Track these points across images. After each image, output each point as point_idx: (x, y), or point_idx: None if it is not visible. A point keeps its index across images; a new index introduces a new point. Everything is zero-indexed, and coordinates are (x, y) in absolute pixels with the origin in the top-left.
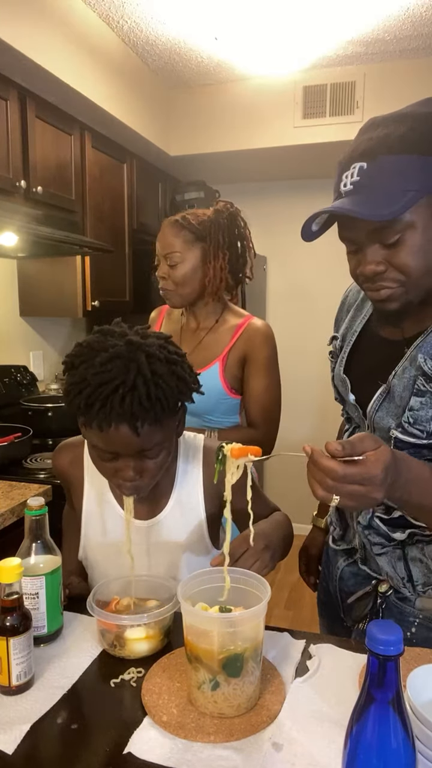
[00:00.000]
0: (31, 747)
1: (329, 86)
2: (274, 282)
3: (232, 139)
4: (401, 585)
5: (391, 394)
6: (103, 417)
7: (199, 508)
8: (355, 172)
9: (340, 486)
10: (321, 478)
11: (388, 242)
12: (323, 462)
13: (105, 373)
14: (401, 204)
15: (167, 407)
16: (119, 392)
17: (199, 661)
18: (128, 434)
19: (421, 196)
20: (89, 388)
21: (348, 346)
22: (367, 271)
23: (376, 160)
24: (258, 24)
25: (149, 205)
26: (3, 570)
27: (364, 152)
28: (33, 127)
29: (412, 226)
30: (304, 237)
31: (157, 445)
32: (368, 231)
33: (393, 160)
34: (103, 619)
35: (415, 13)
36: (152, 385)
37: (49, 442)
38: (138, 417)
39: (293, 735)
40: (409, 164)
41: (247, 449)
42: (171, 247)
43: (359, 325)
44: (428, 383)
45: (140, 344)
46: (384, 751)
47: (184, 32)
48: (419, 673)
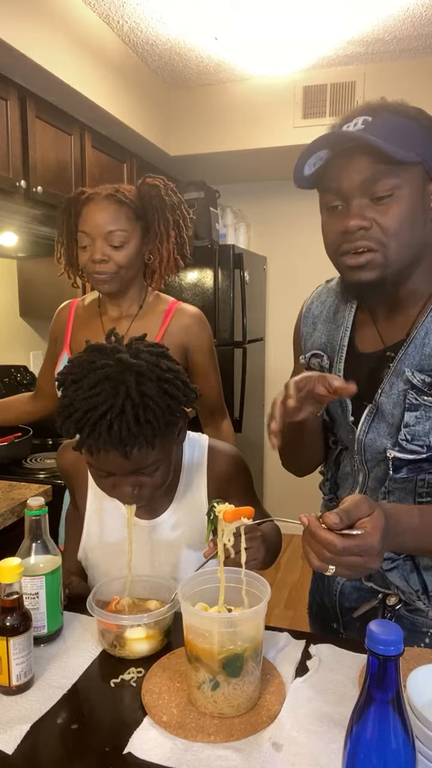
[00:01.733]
0: (31, 747)
1: (329, 86)
2: (274, 282)
3: (232, 139)
4: (415, 598)
5: (380, 413)
6: (92, 442)
7: (202, 508)
8: (359, 122)
9: (338, 558)
10: (318, 550)
11: (379, 195)
12: (321, 535)
13: (93, 397)
14: (407, 153)
15: (158, 428)
16: (107, 418)
17: (199, 661)
18: (119, 458)
19: (420, 160)
20: (78, 413)
21: (340, 363)
22: (351, 225)
23: (382, 115)
24: (258, 24)
25: None
26: (3, 570)
27: (369, 107)
28: (33, 127)
29: (404, 187)
30: (296, 180)
31: (151, 464)
32: (361, 180)
33: (399, 120)
34: (103, 619)
35: (415, 13)
36: (141, 409)
37: (49, 442)
38: (126, 443)
39: (293, 735)
40: (413, 128)
41: (240, 512)
42: (116, 224)
43: (344, 339)
44: (420, 396)
45: (130, 364)
46: (384, 751)
47: (184, 32)
48: (419, 673)
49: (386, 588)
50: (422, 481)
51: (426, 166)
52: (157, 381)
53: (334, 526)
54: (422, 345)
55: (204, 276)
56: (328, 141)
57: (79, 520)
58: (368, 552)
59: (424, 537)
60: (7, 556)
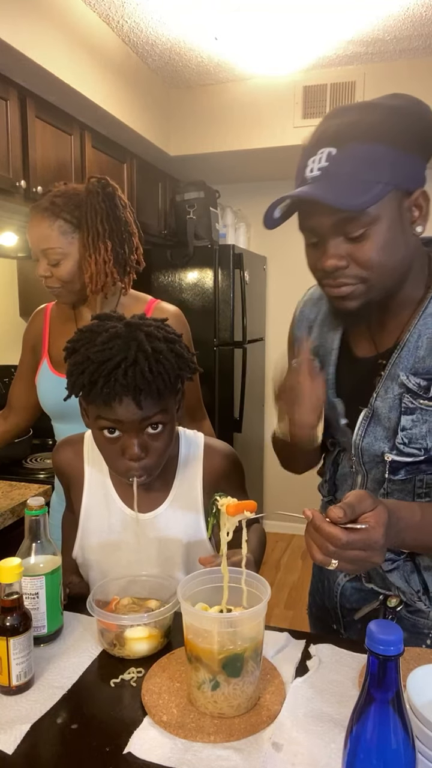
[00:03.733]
0: (31, 747)
1: (329, 86)
2: (274, 282)
3: (232, 139)
4: (416, 599)
5: (376, 417)
6: (108, 392)
7: (198, 503)
8: (323, 157)
9: (341, 552)
10: (322, 543)
11: (353, 235)
12: (325, 528)
13: (107, 351)
14: (371, 195)
15: (168, 382)
16: (122, 367)
17: (199, 661)
18: (131, 406)
19: (389, 190)
20: (92, 366)
21: (331, 367)
22: (328, 266)
23: (347, 147)
24: (258, 24)
25: (149, 205)
26: (3, 570)
27: (334, 137)
28: (33, 127)
29: (378, 220)
30: (266, 224)
31: (158, 416)
32: (333, 222)
33: (364, 149)
34: (103, 619)
35: (415, 13)
36: (153, 360)
37: (49, 442)
38: (141, 389)
39: (293, 735)
40: (379, 155)
41: (242, 506)
42: (48, 242)
43: (335, 343)
44: (416, 399)
45: (138, 324)
46: (384, 751)
47: (184, 32)
48: (419, 673)
49: (387, 589)
50: (420, 481)
51: (399, 186)
52: (165, 340)
53: (338, 520)
54: (415, 348)
55: (204, 276)
56: (288, 198)
57: (75, 522)
58: (372, 546)
59: (424, 533)
60: (7, 556)
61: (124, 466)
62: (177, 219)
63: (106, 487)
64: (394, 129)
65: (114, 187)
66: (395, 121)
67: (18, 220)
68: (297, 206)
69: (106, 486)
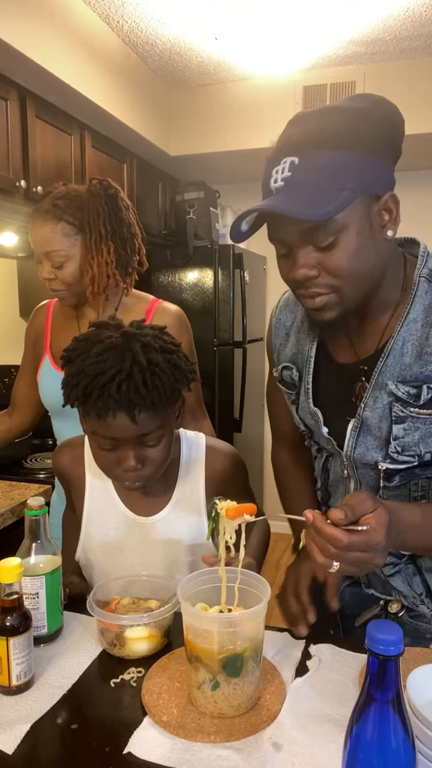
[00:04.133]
0: (31, 747)
1: (329, 86)
2: (274, 282)
3: (232, 139)
4: (418, 602)
5: (366, 427)
6: (101, 406)
7: (201, 505)
8: (286, 167)
9: (343, 554)
10: (323, 546)
11: (322, 245)
12: (327, 530)
13: (101, 363)
14: (336, 203)
15: (164, 394)
16: (116, 380)
17: (199, 661)
18: (126, 422)
19: (355, 196)
20: (86, 379)
21: (309, 376)
22: (298, 276)
23: (310, 155)
24: (258, 24)
25: (149, 205)
26: (3, 570)
27: (297, 145)
28: (33, 127)
29: (346, 228)
30: (233, 238)
31: (155, 432)
32: (300, 232)
33: (328, 155)
34: (103, 619)
35: (415, 13)
36: (148, 373)
37: (49, 442)
38: (135, 404)
39: (293, 735)
40: (344, 161)
41: (242, 509)
42: (51, 245)
43: (312, 350)
44: (406, 408)
45: (135, 334)
46: (384, 751)
47: (184, 32)
48: (419, 673)
49: (387, 594)
50: (416, 485)
51: (365, 192)
52: (162, 351)
53: (339, 521)
54: (401, 355)
55: (204, 276)
56: (253, 212)
57: (76, 521)
58: (374, 548)
59: (425, 534)
60: (7, 556)
61: (119, 475)
62: (177, 219)
63: (108, 491)
64: (359, 133)
65: (116, 189)
66: (359, 124)
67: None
68: (264, 218)
69: (108, 490)
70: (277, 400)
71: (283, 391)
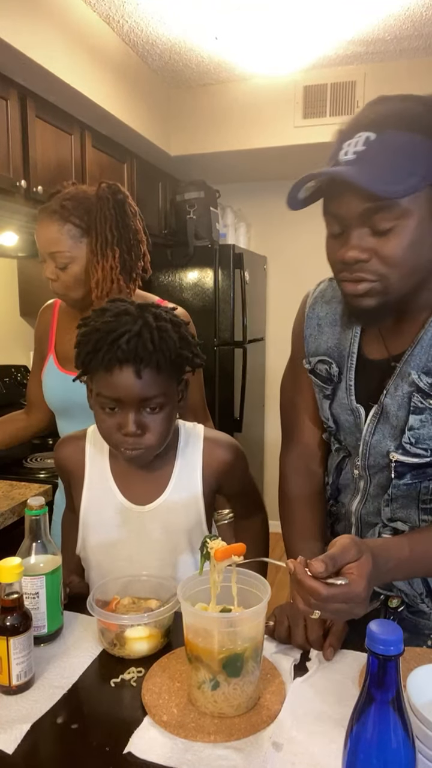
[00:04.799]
0: (31, 747)
1: (329, 86)
2: (274, 282)
3: (232, 139)
4: (419, 601)
5: (384, 414)
6: (110, 358)
7: (197, 494)
8: (360, 141)
9: (323, 605)
10: (304, 596)
11: (380, 228)
12: (307, 583)
13: (113, 323)
14: (406, 186)
15: (169, 358)
16: (125, 336)
17: (199, 660)
18: (131, 378)
19: (425, 185)
20: (98, 334)
21: (351, 372)
22: (348, 257)
23: (386, 133)
24: (258, 24)
25: (149, 205)
26: (3, 570)
27: (374, 122)
28: (33, 127)
29: (409, 215)
30: (290, 204)
31: (158, 397)
32: (362, 210)
33: (405, 137)
34: (103, 619)
35: (415, 13)
36: (156, 334)
37: (49, 441)
38: (141, 359)
39: (293, 735)
40: (419, 146)
41: (231, 550)
42: (56, 245)
43: (354, 346)
44: (426, 399)
45: (148, 306)
46: (384, 751)
47: (184, 32)
48: (419, 673)
49: (388, 590)
50: (426, 488)
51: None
52: (171, 323)
53: (319, 575)
54: (429, 347)
55: (204, 276)
56: (318, 176)
57: (75, 521)
58: (353, 599)
59: (413, 568)
60: (7, 556)
61: (119, 441)
62: (177, 219)
63: (107, 480)
64: None
65: (125, 195)
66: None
67: (18, 220)
68: (325, 190)
69: (107, 480)
70: (301, 389)
71: (315, 384)
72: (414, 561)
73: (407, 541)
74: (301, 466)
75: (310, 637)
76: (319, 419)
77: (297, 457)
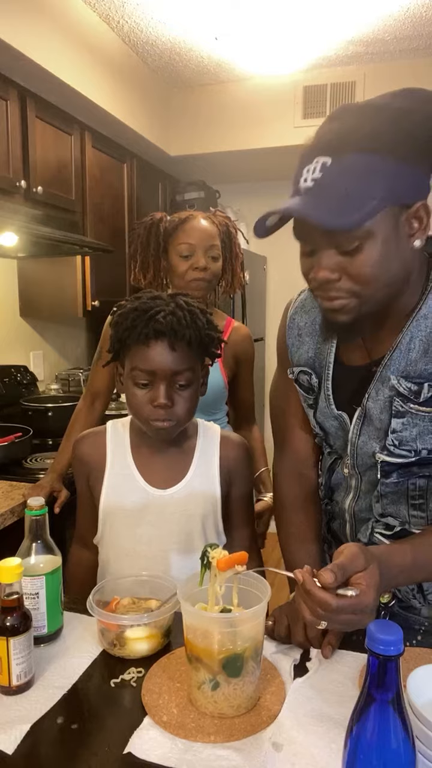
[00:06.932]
0: (31, 747)
1: (329, 86)
2: (274, 282)
3: (232, 139)
4: (410, 597)
5: (368, 418)
6: (146, 332)
7: (215, 483)
8: (317, 167)
9: (332, 617)
10: (312, 607)
11: (346, 249)
12: (316, 594)
13: (150, 302)
14: (363, 213)
15: (198, 336)
16: (161, 313)
17: (199, 661)
18: (165, 351)
19: (384, 206)
20: (135, 312)
21: (328, 381)
22: (319, 277)
23: (342, 158)
24: (258, 24)
25: (149, 205)
26: (3, 570)
27: (330, 145)
28: (33, 127)
29: (372, 235)
30: (257, 233)
31: (186, 372)
32: (325, 234)
33: (361, 160)
34: (103, 619)
35: (415, 13)
36: (188, 314)
37: (49, 442)
38: (176, 332)
39: (293, 735)
40: (377, 167)
41: (233, 560)
42: (213, 240)
43: (330, 356)
44: (406, 403)
45: (180, 295)
46: (384, 751)
47: (184, 32)
48: (419, 673)
49: None
50: (413, 485)
51: (396, 202)
52: (200, 311)
53: (329, 585)
54: (407, 351)
55: None
56: (278, 213)
57: (93, 500)
58: (363, 610)
59: (416, 573)
60: (7, 556)
61: (149, 413)
62: None
63: (128, 467)
64: (398, 136)
65: (237, 230)
66: (398, 127)
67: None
68: (288, 216)
69: (129, 466)
70: (289, 396)
71: (299, 392)
72: (416, 568)
73: (410, 548)
74: (293, 471)
75: (310, 635)
76: (309, 425)
77: (290, 463)
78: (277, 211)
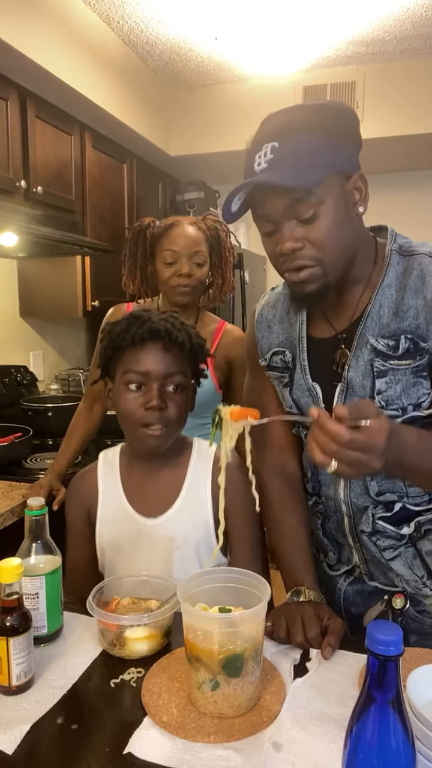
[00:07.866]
0: (31, 747)
1: (329, 86)
2: (274, 282)
3: (232, 139)
4: (421, 585)
5: (351, 389)
6: (141, 333)
7: (206, 507)
8: (268, 151)
9: (343, 451)
10: (324, 442)
11: (305, 217)
12: (330, 426)
13: (142, 312)
14: (315, 176)
15: (190, 342)
16: (153, 318)
17: (199, 661)
18: (158, 352)
19: (330, 172)
20: (129, 318)
21: (303, 353)
22: (285, 248)
23: (288, 139)
24: (258, 24)
25: (149, 205)
26: (3, 570)
27: (275, 132)
28: (33, 127)
29: (325, 201)
30: (225, 218)
31: (178, 375)
32: (284, 206)
33: (304, 138)
34: (103, 619)
35: (415, 13)
36: (179, 325)
37: (49, 442)
38: (170, 334)
39: (293, 735)
40: (318, 143)
41: (246, 411)
42: (198, 246)
43: (303, 330)
44: (387, 361)
45: (170, 312)
46: (384, 751)
47: (184, 32)
48: (419, 673)
49: (391, 585)
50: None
51: (339, 170)
52: (188, 327)
53: (344, 417)
54: (378, 317)
55: None
56: (243, 188)
57: (89, 529)
58: (373, 449)
59: (421, 454)
60: (7, 556)
61: (141, 416)
62: None
63: (119, 498)
64: (327, 121)
65: (228, 234)
66: (326, 115)
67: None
68: (252, 198)
69: (119, 497)
70: (264, 390)
71: (273, 377)
72: (421, 448)
73: (416, 430)
74: (276, 465)
75: (309, 635)
76: None
77: (271, 456)
78: (242, 185)
